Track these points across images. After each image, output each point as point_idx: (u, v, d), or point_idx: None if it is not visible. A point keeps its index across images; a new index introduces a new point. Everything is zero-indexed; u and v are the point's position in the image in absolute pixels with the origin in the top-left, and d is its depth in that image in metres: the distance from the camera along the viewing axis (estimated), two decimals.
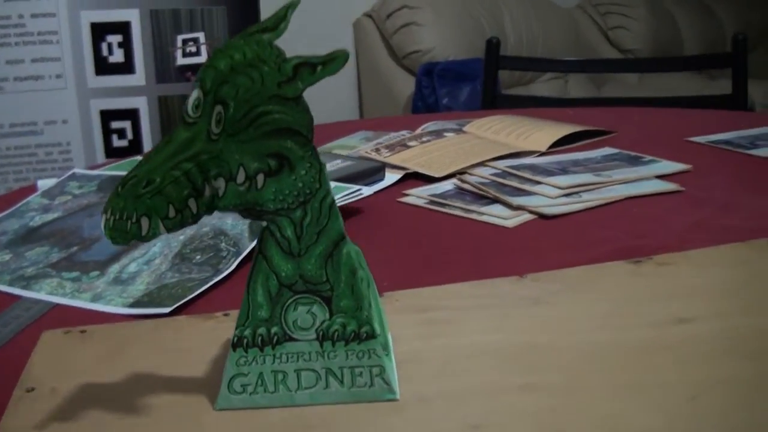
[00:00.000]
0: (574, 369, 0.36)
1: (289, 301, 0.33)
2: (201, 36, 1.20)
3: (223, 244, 0.57)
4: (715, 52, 2.26)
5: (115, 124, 1.21)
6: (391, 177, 0.77)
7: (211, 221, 0.61)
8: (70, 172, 0.75)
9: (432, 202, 0.67)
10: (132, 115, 1.20)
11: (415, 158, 0.81)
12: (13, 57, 1.16)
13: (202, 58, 1.20)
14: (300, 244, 0.33)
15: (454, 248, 0.57)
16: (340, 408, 0.34)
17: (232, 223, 0.60)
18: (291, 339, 0.34)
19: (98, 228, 0.57)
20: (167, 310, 0.47)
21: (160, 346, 0.41)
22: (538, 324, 0.41)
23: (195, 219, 0.32)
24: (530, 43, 2.34)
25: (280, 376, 0.34)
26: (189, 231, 0.60)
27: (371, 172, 0.77)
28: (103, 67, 1.18)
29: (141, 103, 1.20)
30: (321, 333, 0.34)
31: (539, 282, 0.47)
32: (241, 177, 0.31)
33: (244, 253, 0.54)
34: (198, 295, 0.49)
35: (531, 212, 0.62)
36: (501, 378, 0.35)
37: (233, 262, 0.53)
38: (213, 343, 0.40)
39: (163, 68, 1.20)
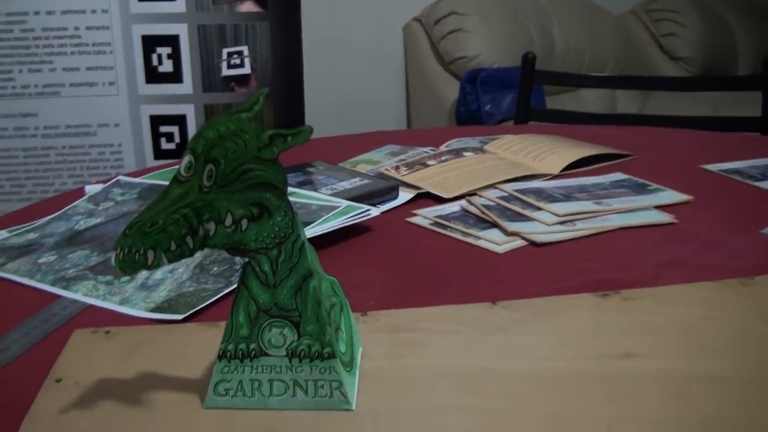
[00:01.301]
0: (513, 395, 0.41)
1: (265, 323, 0.40)
2: (245, 49, 1.28)
3: (238, 258, 0.63)
4: (746, 75, 2.23)
5: (164, 129, 1.30)
6: (404, 196, 0.83)
7: None
8: (115, 179, 0.84)
9: (436, 224, 0.73)
10: (180, 120, 1.30)
11: (430, 178, 0.86)
12: (69, 65, 1.26)
13: (246, 70, 1.28)
14: (275, 277, 0.39)
15: (445, 271, 0.62)
16: (304, 414, 0.40)
17: None
18: (266, 354, 0.40)
19: None
20: (181, 317, 0.54)
21: (169, 349, 0.48)
22: (495, 351, 0.46)
23: (191, 253, 0.38)
24: (578, 50, 2.36)
25: (256, 384, 0.41)
26: None
27: (385, 192, 0.83)
28: (153, 76, 1.28)
29: (188, 110, 1.29)
30: (290, 351, 0.40)
31: (508, 310, 0.52)
32: (228, 221, 0.38)
33: None
34: (210, 303, 0.56)
35: (524, 239, 0.67)
36: (446, 398, 0.41)
37: None
38: (212, 350, 0.46)
39: (209, 78, 1.28)
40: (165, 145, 1.32)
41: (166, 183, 0.38)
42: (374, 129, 1.28)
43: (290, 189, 0.80)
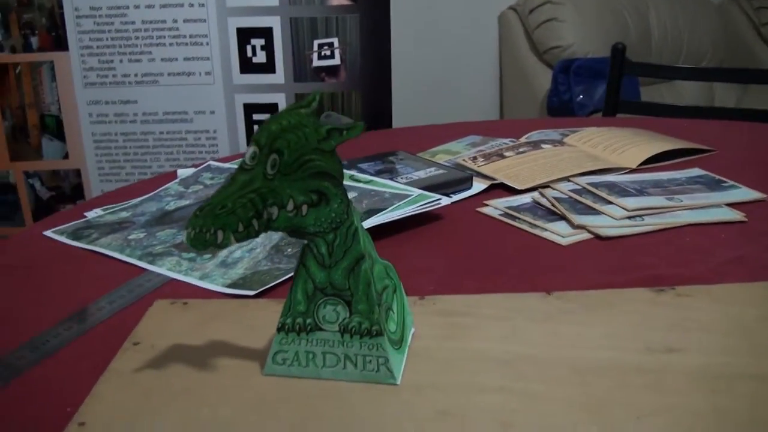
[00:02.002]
0: (552, 380, 0.43)
1: (320, 300, 0.44)
2: (335, 41, 1.32)
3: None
4: None
5: (257, 116, 1.37)
6: (478, 186, 0.85)
7: None
8: (206, 164, 0.90)
9: (506, 214, 0.75)
10: (272, 108, 1.36)
11: (505, 169, 0.87)
12: (167, 55, 1.34)
13: (336, 61, 1.33)
14: (331, 259, 0.43)
15: (507, 261, 0.64)
16: (352, 385, 0.43)
17: None
18: (320, 329, 0.44)
19: None
20: (253, 293, 0.58)
21: (239, 321, 0.52)
22: (541, 338, 0.48)
23: (257, 234, 0.42)
24: (675, 39, 2.28)
25: (310, 356, 0.44)
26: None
27: (459, 182, 0.85)
28: (247, 66, 1.34)
29: (280, 99, 1.35)
30: (342, 327, 0.43)
31: (561, 300, 0.53)
32: (290, 206, 0.41)
33: None
34: (282, 282, 0.60)
35: (590, 232, 0.67)
36: (487, 379, 0.43)
37: None
38: (276, 324, 0.51)
39: (300, 69, 1.33)
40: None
41: None
42: (466, 119, 1.29)
43: (367, 177, 0.85)
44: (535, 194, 0.78)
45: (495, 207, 0.77)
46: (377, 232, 0.69)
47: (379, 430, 0.39)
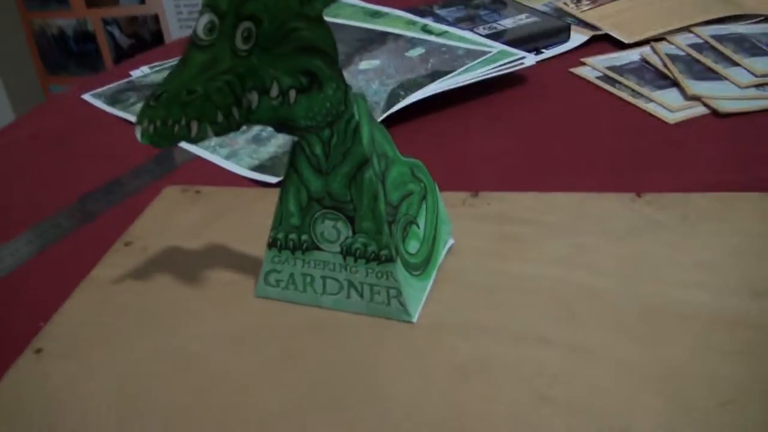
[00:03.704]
0: (614, 332, 0.32)
1: (317, 213, 0.34)
2: None
3: None
4: None
5: None
6: (577, 38, 0.70)
7: (358, 83, 0.61)
8: None
9: (605, 77, 0.60)
10: None
11: (613, 16, 0.71)
12: None
13: None
14: (327, 162, 0.33)
15: (595, 144, 0.51)
16: (358, 318, 0.34)
17: (375, 89, 0.60)
18: (318, 248, 0.34)
19: None
20: (275, 180, 0.49)
21: (249, 219, 0.44)
22: (617, 264, 0.36)
23: (237, 126, 0.32)
24: None
25: (308, 279, 0.35)
26: None
27: (552, 33, 0.70)
28: None
29: None
30: (345, 248, 0.34)
31: (653, 206, 0.41)
32: (274, 92, 0.31)
33: None
34: None
35: (705, 105, 0.53)
36: (530, 324, 0.33)
37: None
38: None
39: None
40: None
41: (328, 18, 0.31)
42: None
43: (442, 27, 0.71)
44: (646, 49, 0.63)
45: (593, 66, 0.62)
46: (439, 100, 0.58)
47: (373, 385, 0.31)
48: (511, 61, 0.60)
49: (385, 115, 0.55)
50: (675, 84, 0.55)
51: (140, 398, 0.31)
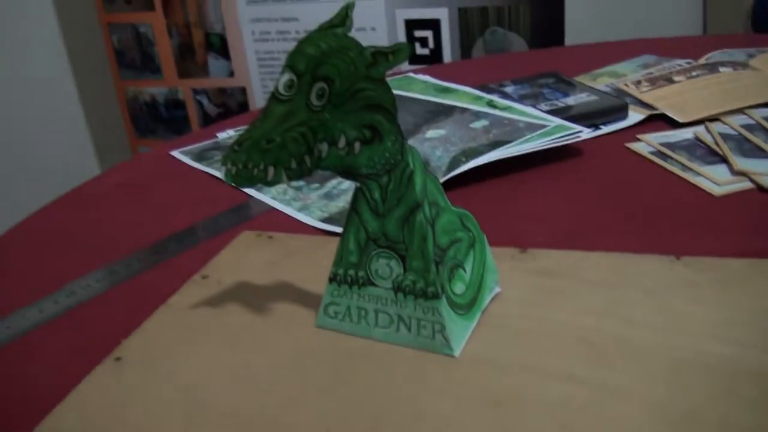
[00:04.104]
0: (640, 377, 0.34)
1: (373, 252, 0.38)
2: None
3: None
4: None
5: (418, 33, 1.29)
6: (634, 116, 0.73)
7: (424, 149, 0.66)
8: None
9: (658, 153, 0.63)
10: (434, 24, 1.27)
11: (670, 97, 0.75)
12: None
13: None
14: (384, 206, 0.37)
15: (641, 211, 0.54)
16: (404, 351, 0.38)
17: (439, 155, 0.64)
18: (372, 284, 0.38)
19: None
20: (341, 230, 0.54)
21: (315, 260, 0.48)
22: (650, 317, 0.39)
23: (309, 172, 0.37)
24: None
25: (362, 312, 0.39)
26: None
27: (611, 111, 0.73)
28: None
29: (442, 14, 1.26)
30: (396, 284, 0.38)
31: (690, 268, 0.43)
32: (342, 143, 0.36)
33: None
34: None
35: (751, 180, 0.55)
36: (563, 364, 0.36)
37: None
38: None
39: None
40: (419, 50, 1.32)
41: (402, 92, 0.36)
42: (656, 34, 1.14)
43: (506, 103, 0.76)
44: (699, 129, 0.66)
45: (647, 143, 0.66)
46: (498, 168, 0.62)
47: (413, 409, 0.34)
48: (568, 134, 0.64)
49: (446, 178, 0.59)
50: (724, 160, 0.58)
51: (204, 404, 0.35)
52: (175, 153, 0.76)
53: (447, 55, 1.30)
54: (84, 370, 0.39)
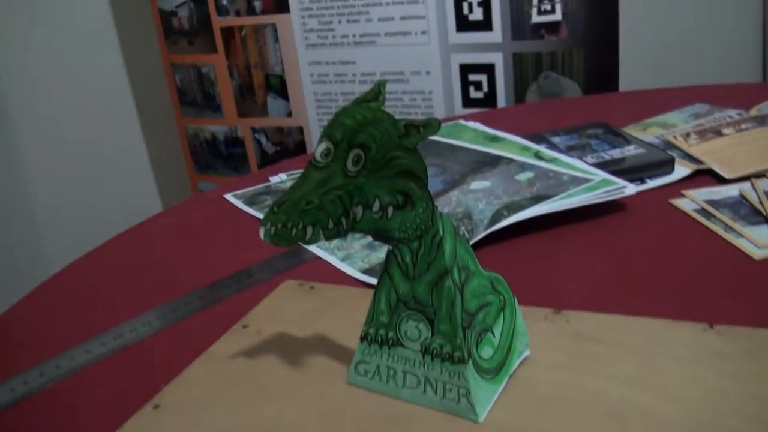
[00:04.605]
0: None
1: (403, 314, 0.39)
2: None
3: (462, 228, 0.62)
4: None
5: (473, 77, 1.31)
6: (681, 171, 0.73)
7: (468, 201, 0.67)
8: None
9: (702, 211, 0.63)
10: (488, 69, 1.29)
11: (717, 151, 0.74)
12: (384, 15, 1.33)
13: (557, 16, 1.22)
14: (415, 270, 0.38)
15: (680, 273, 0.53)
16: (429, 413, 0.39)
17: (482, 208, 0.65)
18: (402, 345, 0.40)
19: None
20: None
21: (352, 314, 0.50)
22: (679, 387, 0.39)
23: (345, 234, 0.39)
24: None
25: (391, 372, 0.40)
26: (446, 208, 0.67)
27: (657, 165, 0.73)
28: (463, 24, 1.28)
29: (497, 59, 1.28)
30: (424, 347, 0.39)
31: (723, 337, 0.43)
32: (376, 207, 0.37)
33: (472, 241, 0.59)
34: None
35: None
36: None
37: None
38: None
39: (519, 26, 1.24)
40: (473, 93, 1.33)
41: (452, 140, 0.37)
42: (712, 81, 1.12)
43: (553, 154, 0.77)
44: (746, 185, 0.65)
45: (692, 199, 0.65)
46: (539, 221, 0.62)
47: None
48: (612, 189, 0.64)
49: (487, 232, 0.60)
50: (767, 220, 0.57)
51: None
52: (228, 196, 0.79)
53: (501, 99, 1.31)
54: (125, 414, 0.41)
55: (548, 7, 1.21)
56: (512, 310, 0.42)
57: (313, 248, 0.63)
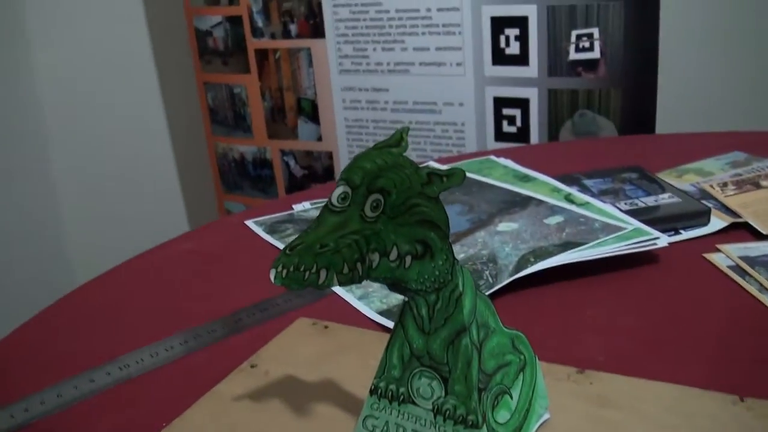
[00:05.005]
0: None
1: (416, 369, 0.37)
2: (595, 31, 1.19)
3: (486, 272, 0.60)
4: None
5: (507, 111, 1.29)
6: (717, 223, 0.70)
7: (494, 244, 0.65)
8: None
9: (736, 268, 0.60)
10: (523, 104, 1.27)
11: (754, 204, 0.71)
12: (419, 45, 1.32)
13: (595, 54, 1.20)
14: (430, 324, 0.36)
15: (712, 334, 0.51)
16: None
17: (508, 252, 0.63)
18: (413, 402, 0.38)
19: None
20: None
21: (365, 359, 0.48)
22: None
23: (359, 280, 0.37)
24: None
25: (400, 430, 0.38)
26: (471, 250, 0.65)
27: (693, 216, 0.71)
28: (499, 58, 1.27)
29: (532, 94, 1.26)
30: (436, 406, 0.37)
31: (752, 412, 0.40)
32: (393, 255, 0.36)
33: (496, 287, 0.57)
34: None
35: None
36: None
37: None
38: None
39: (556, 62, 1.23)
40: (506, 128, 1.31)
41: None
42: (755, 124, 1.09)
43: (585, 198, 0.74)
44: None
45: (727, 254, 0.62)
46: (567, 269, 0.60)
47: None
48: (645, 240, 0.62)
49: (511, 279, 0.58)
50: None
51: None
52: (249, 223, 0.78)
53: (534, 135, 1.29)
54: None
55: (586, 45, 1.20)
56: (533, 371, 0.40)
57: None
